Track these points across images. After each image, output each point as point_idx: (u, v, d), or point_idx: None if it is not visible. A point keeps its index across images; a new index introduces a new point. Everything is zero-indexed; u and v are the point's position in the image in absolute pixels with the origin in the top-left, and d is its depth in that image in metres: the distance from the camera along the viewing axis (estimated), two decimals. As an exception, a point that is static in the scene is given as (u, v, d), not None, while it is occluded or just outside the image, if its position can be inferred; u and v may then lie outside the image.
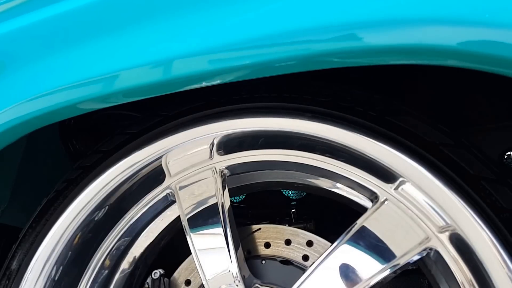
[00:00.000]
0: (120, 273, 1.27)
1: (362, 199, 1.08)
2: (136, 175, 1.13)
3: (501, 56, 0.68)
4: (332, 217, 1.44)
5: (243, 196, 1.70)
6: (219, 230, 1.10)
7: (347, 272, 0.97)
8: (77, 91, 0.93)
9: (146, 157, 1.09)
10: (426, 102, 1.33)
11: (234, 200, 1.69)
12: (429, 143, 0.91)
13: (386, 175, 0.97)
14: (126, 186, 1.15)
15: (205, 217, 1.13)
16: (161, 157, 1.10)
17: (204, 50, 0.82)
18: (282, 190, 1.70)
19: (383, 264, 0.95)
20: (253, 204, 1.62)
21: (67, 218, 1.09)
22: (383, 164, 0.95)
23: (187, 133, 1.09)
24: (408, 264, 0.96)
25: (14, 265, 1.09)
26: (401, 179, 0.94)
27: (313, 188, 1.15)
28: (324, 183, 1.12)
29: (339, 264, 0.99)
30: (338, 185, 1.10)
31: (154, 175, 1.16)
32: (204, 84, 0.88)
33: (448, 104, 1.31)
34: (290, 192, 1.70)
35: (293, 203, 1.68)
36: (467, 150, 0.89)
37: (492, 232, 0.84)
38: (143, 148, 1.09)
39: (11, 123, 0.98)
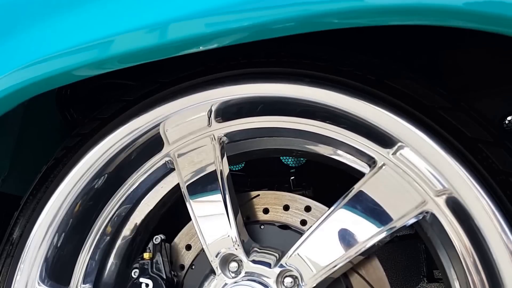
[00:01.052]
0: (122, 240, 1.29)
1: (360, 165, 1.09)
2: (135, 142, 1.13)
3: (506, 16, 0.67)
4: (330, 185, 1.45)
5: (242, 165, 1.71)
6: (218, 196, 1.11)
7: (344, 235, 0.99)
8: (72, 57, 0.92)
9: (143, 125, 1.09)
10: (428, 67, 1.32)
11: (234, 169, 1.70)
12: (427, 107, 0.91)
13: (384, 140, 0.97)
14: (124, 154, 1.16)
15: (204, 184, 1.13)
16: (158, 124, 1.10)
17: (201, 12, 0.80)
18: (281, 158, 1.71)
19: (379, 227, 0.97)
20: (252, 173, 1.63)
21: (67, 186, 1.10)
22: (381, 129, 0.95)
23: (185, 100, 1.08)
24: (404, 227, 0.97)
25: (17, 232, 1.11)
26: (399, 143, 0.94)
27: (312, 154, 1.15)
28: (323, 149, 1.12)
29: (336, 228, 1.00)
30: (337, 151, 1.10)
31: (153, 143, 1.16)
32: (201, 48, 0.86)
33: (450, 68, 1.30)
34: (289, 160, 1.70)
35: (292, 170, 1.69)
36: (466, 113, 0.89)
37: (488, 195, 0.84)
38: (141, 115, 1.09)
39: (8, 90, 0.97)
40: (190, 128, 1.12)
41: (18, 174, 1.37)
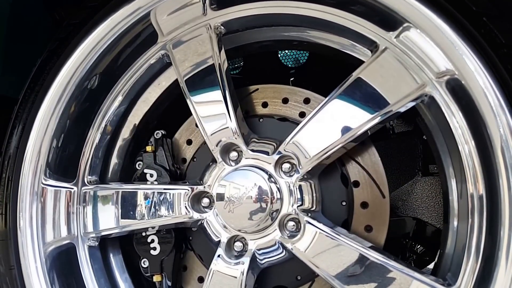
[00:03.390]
0: (122, 141, 1.31)
1: (360, 53, 1.07)
2: (128, 34, 1.10)
3: None
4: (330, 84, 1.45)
5: (240, 69, 1.69)
6: (218, 91, 1.11)
7: (339, 121, 0.99)
8: None
9: (136, 10, 1.04)
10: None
11: (233, 73, 1.68)
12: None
13: (389, 22, 0.95)
14: (118, 49, 1.13)
15: (203, 79, 1.12)
16: (149, 13, 1.06)
17: None
18: (280, 58, 1.68)
19: (375, 112, 0.97)
20: (252, 75, 1.61)
21: (64, 78, 1.10)
22: (389, 9, 0.92)
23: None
24: (398, 113, 0.97)
25: (19, 124, 1.12)
26: (405, 24, 0.92)
27: (313, 45, 1.13)
28: (324, 37, 1.09)
29: (331, 115, 1.01)
30: (339, 39, 1.08)
31: (147, 36, 1.13)
32: None
33: None
34: (288, 60, 1.68)
35: (291, 71, 1.67)
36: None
37: (489, 71, 0.84)
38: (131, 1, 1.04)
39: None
40: (184, 17, 1.08)
41: (12, 75, 1.36)
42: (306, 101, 1.17)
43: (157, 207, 1.16)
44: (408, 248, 1.56)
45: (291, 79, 1.61)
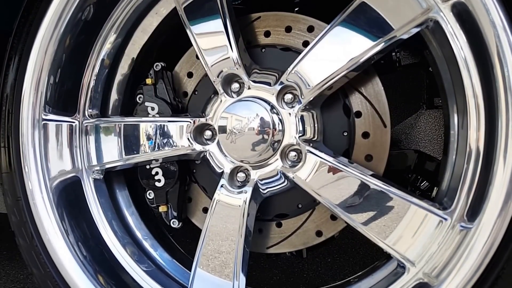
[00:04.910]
0: (121, 76, 1.29)
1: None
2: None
3: None
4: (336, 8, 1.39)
5: None
6: (218, 20, 1.07)
7: (343, 47, 0.97)
8: None
9: None
10: None
11: (235, 3, 1.62)
12: None
13: None
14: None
15: (202, 6, 1.08)
16: None
17: None
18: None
19: (378, 39, 0.94)
20: (252, 6, 1.55)
21: (58, 5, 1.06)
22: None
23: None
24: (401, 39, 0.94)
25: (16, 56, 1.10)
26: None
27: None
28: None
29: (334, 42, 0.98)
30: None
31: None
32: None
33: None
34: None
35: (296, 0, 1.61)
36: None
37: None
38: None
39: None
40: None
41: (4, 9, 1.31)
42: (310, 29, 1.14)
43: (159, 140, 1.16)
44: (411, 183, 1.59)
45: (295, 9, 1.55)
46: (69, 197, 1.21)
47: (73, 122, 1.21)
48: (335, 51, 0.98)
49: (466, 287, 0.86)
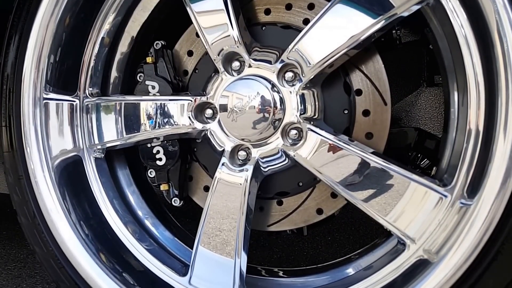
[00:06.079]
0: (121, 55, 1.28)
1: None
2: None
3: None
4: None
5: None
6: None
7: (344, 25, 0.96)
8: None
9: None
10: None
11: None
12: None
13: None
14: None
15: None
16: None
17: None
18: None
19: (378, 16, 0.93)
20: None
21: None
22: None
23: None
24: (402, 17, 0.93)
25: (16, 34, 1.10)
26: None
27: None
28: None
29: (336, 19, 0.97)
30: None
31: None
32: None
33: None
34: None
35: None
36: None
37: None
38: None
39: None
40: None
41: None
42: (311, 6, 1.12)
43: (160, 119, 1.16)
44: (411, 161, 1.59)
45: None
46: (70, 176, 1.22)
47: (74, 101, 1.21)
48: (335, 28, 0.98)
49: (466, 263, 0.87)
